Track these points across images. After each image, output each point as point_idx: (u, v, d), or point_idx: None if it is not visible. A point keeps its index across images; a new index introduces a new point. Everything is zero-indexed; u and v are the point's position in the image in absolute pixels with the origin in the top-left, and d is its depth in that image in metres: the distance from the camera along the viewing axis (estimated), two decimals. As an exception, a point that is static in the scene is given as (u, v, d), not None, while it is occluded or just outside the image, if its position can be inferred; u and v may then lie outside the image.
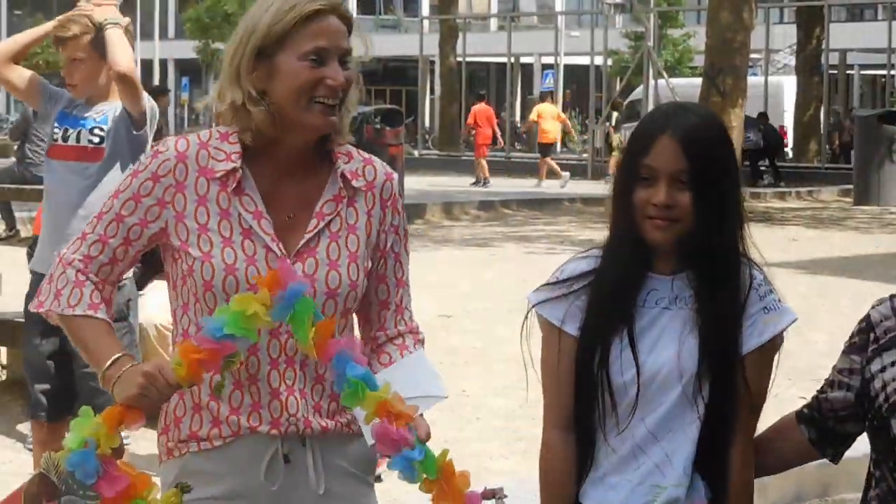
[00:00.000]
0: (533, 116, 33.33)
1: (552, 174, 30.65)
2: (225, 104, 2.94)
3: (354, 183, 3.00)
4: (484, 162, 31.00)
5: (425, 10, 58.72)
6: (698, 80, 27.24)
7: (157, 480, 2.81)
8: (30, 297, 5.67)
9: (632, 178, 2.95)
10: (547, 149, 31.95)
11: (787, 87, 40.11)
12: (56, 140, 5.83)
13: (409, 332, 3.10)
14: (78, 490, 2.60)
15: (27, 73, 6.00)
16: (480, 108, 32.74)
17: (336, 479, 2.97)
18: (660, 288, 2.99)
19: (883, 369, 2.91)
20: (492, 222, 21.45)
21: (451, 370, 9.09)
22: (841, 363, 3.01)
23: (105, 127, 5.75)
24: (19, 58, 5.97)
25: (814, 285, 14.07)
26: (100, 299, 2.93)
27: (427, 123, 42.07)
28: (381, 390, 2.65)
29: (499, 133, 32.85)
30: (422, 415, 2.74)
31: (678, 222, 2.91)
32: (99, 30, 5.66)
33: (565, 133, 32.34)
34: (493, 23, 59.97)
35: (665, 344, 2.95)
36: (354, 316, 3.07)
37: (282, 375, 2.92)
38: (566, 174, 30.31)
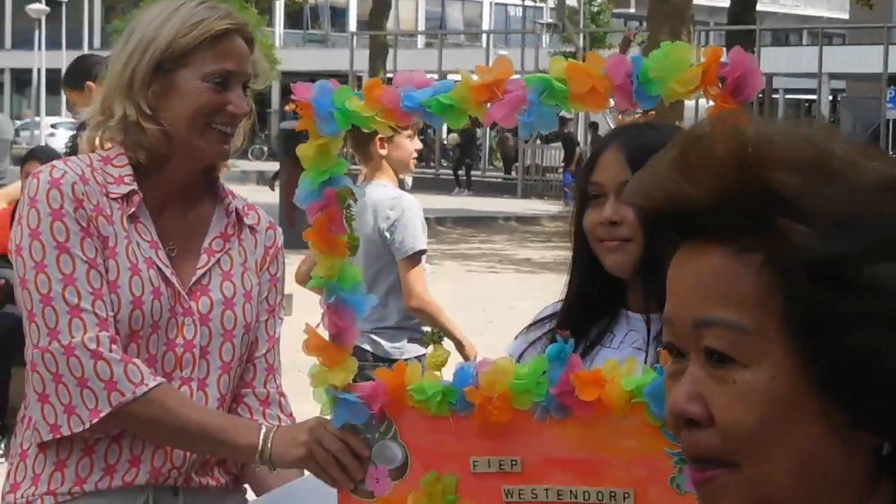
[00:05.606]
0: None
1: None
2: (114, 119, 2.63)
3: (247, 220, 2.75)
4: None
5: (353, 25, 58.55)
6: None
7: None
8: None
9: (583, 200, 2.68)
10: None
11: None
12: None
13: (279, 402, 2.78)
14: (366, 433, 2.36)
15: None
16: None
17: None
18: (638, 328, 2.64)
19: None
20: (429, 239, 21.27)
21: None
22: None
23: None
24: None
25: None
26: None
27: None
28: None
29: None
30: None
31: (631, 241, 2.58)
32: None
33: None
34: (421, 40, 59.89)
35: None
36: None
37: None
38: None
